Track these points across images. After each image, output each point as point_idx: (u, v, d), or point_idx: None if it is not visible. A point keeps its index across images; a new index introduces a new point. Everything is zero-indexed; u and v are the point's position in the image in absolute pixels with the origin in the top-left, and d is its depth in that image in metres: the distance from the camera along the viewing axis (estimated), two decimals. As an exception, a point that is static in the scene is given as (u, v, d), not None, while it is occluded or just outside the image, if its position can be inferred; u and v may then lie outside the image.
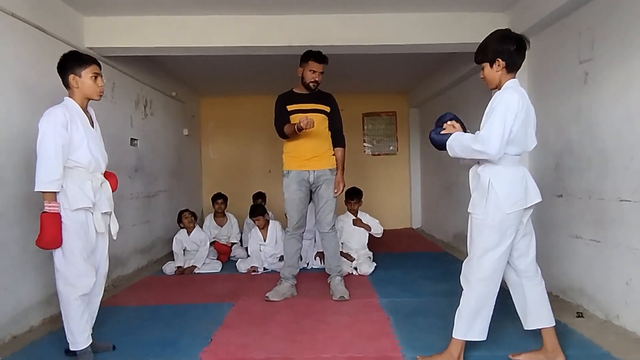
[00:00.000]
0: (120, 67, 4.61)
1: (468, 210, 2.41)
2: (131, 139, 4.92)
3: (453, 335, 2.40)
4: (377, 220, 4.87)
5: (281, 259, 4.67)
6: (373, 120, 7.99)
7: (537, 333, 2.50)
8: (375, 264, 4.68)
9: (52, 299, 3.36)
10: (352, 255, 4.71)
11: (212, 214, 5.73)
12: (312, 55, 3.62)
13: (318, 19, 4.10)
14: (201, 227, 5.40)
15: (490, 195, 2.28)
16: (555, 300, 3.50)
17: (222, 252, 5.34)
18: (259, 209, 4.91)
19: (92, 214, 2.52)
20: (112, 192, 2.69)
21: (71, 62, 2.51)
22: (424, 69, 6.20)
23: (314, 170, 3.68)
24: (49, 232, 2.37)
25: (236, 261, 5.00)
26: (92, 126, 2.62)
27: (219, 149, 7.98)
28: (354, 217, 4.82)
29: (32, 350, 2.77)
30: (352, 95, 7.79)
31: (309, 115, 3.55)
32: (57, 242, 2.40)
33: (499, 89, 2.36)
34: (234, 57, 4.89)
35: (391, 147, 8.10)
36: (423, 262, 5.07)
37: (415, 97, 7.61)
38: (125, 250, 4.70)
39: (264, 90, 6.85)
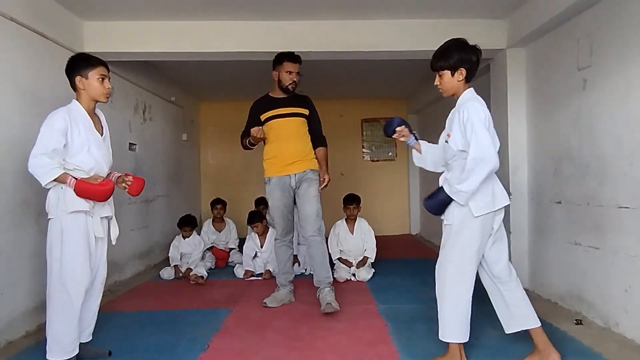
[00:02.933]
0: (119, 72, 4.61)
1: (441, 217, 2.44)
2: (130, 143, 4.91)
3: (445, 340, 2.40)
4: (373, 232, 4.85)
5: None
6: (372, 126, 8.00)
7: (520, 336, 2.49)
8: (373, 270, 4.66)
9: (49, 304, 3.35)
10: (350, 260, 4.69)
11: (211, 219, 5.71)
12: (286, 56, 3.56)
13: (317, 25, 4.11)
14: (199, 232, 5.39)
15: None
16: (554, 307, 3.49)
17: (220, 257, 5.33)
18: (257, 216, 4.90)
19: (92, 217, 2.50)
20: (133, 196, 2.69)
21: (78, 64, 2.50)
22: (423, 75, 6.21)
23: (294, 174, 3.59)
24: (92, 193, 2.39)
25: (234, 267, 4.99)
26: (101, 129, 2.61)
27: (218, 154, 7.97)
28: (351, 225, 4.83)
29: (28, 356, 2.75)
30: (351, 101, 7.81)
31: (288, 119, 3.56)
32: (105, 191, 2.42)
33: (456, 97, 2.40)
34: (233, 63, 4.90)
35: (390, 153, 8.11)
36: (422, 268, 5.05)
37: (414, 103, 7.62)
38: (123, 256, 4.68)
39: (263, 95, 6.87)
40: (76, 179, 2.37)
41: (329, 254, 3.91)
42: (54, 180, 2.36)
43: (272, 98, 3.69)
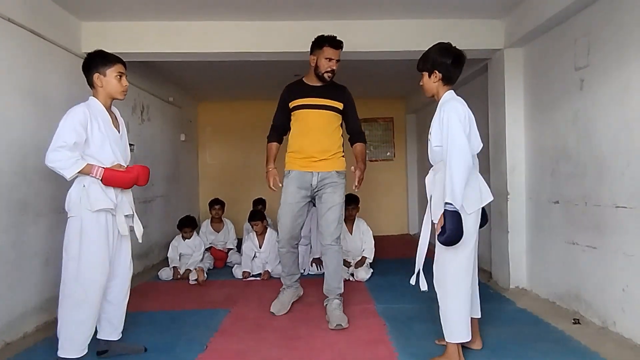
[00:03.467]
0: (117, 72, 4.61)
1: (432, 219, 2.49)
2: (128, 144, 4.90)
3: (449, 340, 2.41)
4: (371, 232, 4.86)
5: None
6: (370, 126, 7.99)
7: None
8: (372, 270, 4.67)
9: (47, 305, 3.34)
10: (348, 260, 4.69)
11: (209, 219, 5.71)
12: (328, 41, 3.18)
13: (316, 25, 4.10)
14: (198, 232, 5.39)
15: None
16: (552, 307, 3.49)
17: (219, 257, 5.32)
18: (257, 214, 4.91)
19: (114, 216, 2.51)
20: (142, 185, 2.69)
21: (96, 61, 2.51)
22: (421, 75, 6.22)
23: (317, 172, 3.24)
24: (120, 180, 2.45)
25: (232, 267, 4.99)
26: (118, 127, 2.62)
27: (217, 154, 7.97)
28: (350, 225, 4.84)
29: (26, 357, 2.74)
30: (350, 101, 7.81)
31: (318, 112, 3.23)
32: (132, 178, 2.50)
33: (436, 98, 2.49)
34: (232, 63, 4.90)
35: (388, 153, 8.11)
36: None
37: (412, 103, 7.63)
38: (121, 256, 4.67)
39: (261, 95, 6.87)
40: (99, 170, 2.40)
41: None
42: (79, 172, 2.36)
43: (305, 85, 3.32)
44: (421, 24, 4.11)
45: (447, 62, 2.41)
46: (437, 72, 2.43)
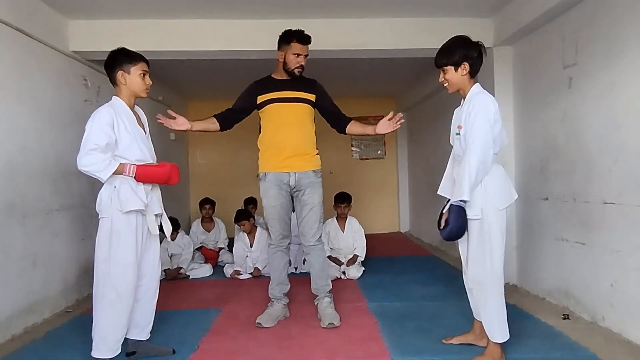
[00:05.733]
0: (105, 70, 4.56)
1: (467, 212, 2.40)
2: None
3: (493, 340, 2.39)
4: (363, 231, 4.86)
5: None
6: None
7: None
8: (363, 268, 4.67)
9: (35, 307, 3.30)
10: (340, 259, 4.70)
11: (200, 219, 5.68)
12: (295, 36, 3.10)
13: (306, 24, 4.06)
14: (188, 232, 5.35)
15: (481, 195, 2.31)
16: (542, 303, 3.52)
17: (209, 257, 5.30)
18: (244, 214, 4.88)
19: (145, 216, 2.49)
20: (174, 184, 2.67)
21: (120, 58, 2.49)
22: (411, 73, 6.24)
23: (294, 173, 3.13)
24: (154, 175, 2.47)
25: (224, 266, 4.97)
26: (143, 125, 2.63)
27: (207, 153, 7.93)
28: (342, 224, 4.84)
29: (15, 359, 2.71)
30: (340, 100, 7.65)
31: (290, 104, 3.13)
32: (165, 172, 2.52)
33: (462, 93, 2.45)
34: (222, 61, 4.87)
35: (379, 152, 8.13)
36: (411, 266, 5.08)
37: (403, 102, 7.65)
38: (111, 257, 4.63)
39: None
40: (133, 168, 2.40)
41: None
42: (112, 174, 2.35)
43: (273, 79, 3.22)
44: (411, 22, 4.12)
45: (474, 54, 2.39)
46: (466, 64, 2.38)
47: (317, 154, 3.28)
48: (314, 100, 3.24)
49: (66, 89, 3.89)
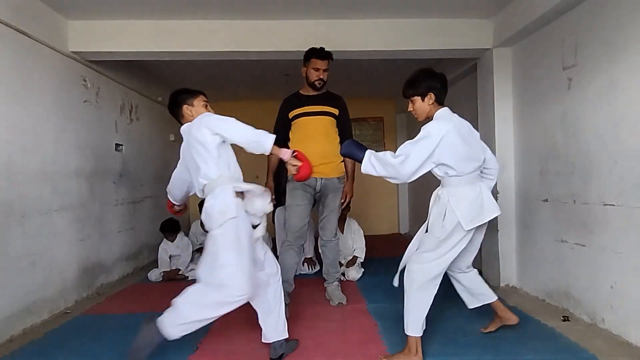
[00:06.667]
0: (105, 71, 4.56)
1: (425, 232, 2.57)
2: (116, 144, 4.86)
3: (407, 333, 2.51)
4: (362, 232, 4.86)
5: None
6: (360, 126, 8.01)
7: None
8: (363, 270, 4.67)
9: (34, 307, 3.29)
10: (340, 260, 4.69)
11: (199, 220, 5.67)
12: (314, 53, 3.47)
13: (305, 25, 4.10)
14: (187, 233, 5.34)
15: (448, 215, 2.42)
16: (542, 304, 3.52)
17: (209, 258, 5.28)
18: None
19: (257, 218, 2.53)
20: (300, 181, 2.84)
21: (183, 96, 2.65)
22: (410, 74, 6.24)
23: (321, 178, 3.46)
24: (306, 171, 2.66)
25: (223, 267, 4.95)
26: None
27: (206, 154, 7.90)
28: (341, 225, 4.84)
29: (13, 361, 2.70)
30: (340, 101, 7.80)
31: (315, 117, 3.45)
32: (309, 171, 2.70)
33: (430, 119, 2.57)
34: (220, 62, 4.87)
35: (378, 153, 8.12)
36: (411, 267, 5.06)
37: (402, 103, 7.63)
38: (110, 258, 4.63)
39: (250, 95, 6.85)
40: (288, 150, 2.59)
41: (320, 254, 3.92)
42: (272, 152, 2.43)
43: (301, 95, 3.58)
44: (410, 23, 4.13)
45: (438, 85, 2.54)
46: (431, 94, 2.53)
47: (341, 162, 3.59)
48: (337, 114, 3.57)
49: (65, 89, 3.88)
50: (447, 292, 3.80)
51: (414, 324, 2.48)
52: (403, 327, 2.52)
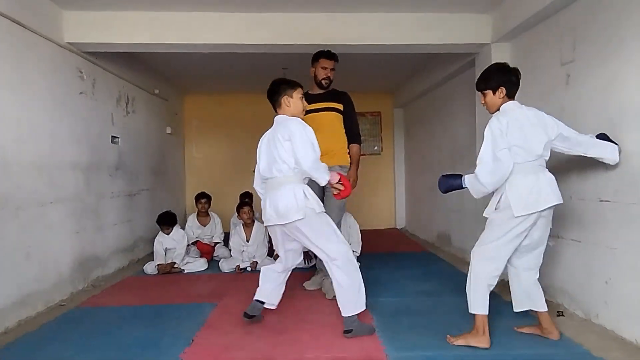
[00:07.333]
0: (101, 63, 4.53)
1: (484, 214, 2.68)
2: (112, 136, 4.83)
3: (471, 311, 2.63)
4: (358, 226, 4.86)
5: (269, 254, 4.70)
6: (358, 121, 8.00)
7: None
8: (359, 264, 4.66)
9: (29, 300, 3.29)
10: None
11: (195, 213, 5.66)
12: (322, 54, 3.78)
13: (304, 18, 4.08)
14: (183, 227, 5.34)
15: (503, 200, 2.55)
16: (537, 300, 3.53)
17: (205, 251, 5.29)
18: (247, 204, 4.96)
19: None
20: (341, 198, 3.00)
21: (284, 86, 2.86)
22: (408, 69, 6.23)
23: None
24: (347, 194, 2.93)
25: (219, 261, 4.96)
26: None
27: (203, 147, 7.90)
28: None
29: (8, 352, 2.69)
30: (337, 95, 7.79)
31: (322, 113, 3.67)
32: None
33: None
34: (218, 55, 4.84)
35: (376, 147, 8.12)
36: (407, 262, 5.08)
37: (400, 97, 7.64)
38: (106, 250, 4.62)
39: (249, 87, 6.81)
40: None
41: None
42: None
43: (309, 95, 3.75)
44: (409, 17, 4.11)
45: (512, 78, 2.64)
46: (503, 88, 2.63)
47: (346, 154, 3.80)
48: (342, 109, 3.83)
49: (61, 80, 3.86)
50: (443, 286, 3.80)
51: (476, 301, 2.60)
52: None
